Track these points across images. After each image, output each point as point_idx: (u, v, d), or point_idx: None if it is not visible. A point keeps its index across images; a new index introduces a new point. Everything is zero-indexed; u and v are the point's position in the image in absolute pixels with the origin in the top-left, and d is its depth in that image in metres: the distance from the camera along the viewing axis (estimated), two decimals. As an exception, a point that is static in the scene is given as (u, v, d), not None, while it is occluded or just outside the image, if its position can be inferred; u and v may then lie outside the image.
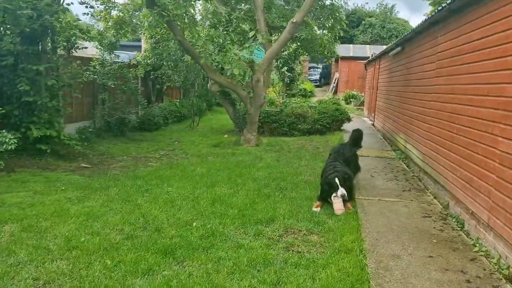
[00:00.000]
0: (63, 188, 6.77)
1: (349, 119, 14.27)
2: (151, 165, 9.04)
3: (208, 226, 5.11)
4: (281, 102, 14.49)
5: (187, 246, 4.49)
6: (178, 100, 17.62)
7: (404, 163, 8.99)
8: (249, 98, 11.20)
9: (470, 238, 4.72)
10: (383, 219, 5.23)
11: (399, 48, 10.89)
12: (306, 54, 13.66)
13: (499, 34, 4.53)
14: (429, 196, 6.40)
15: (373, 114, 16.59)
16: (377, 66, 16.11)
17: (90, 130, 11.00)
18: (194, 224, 5.20)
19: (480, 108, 4.91)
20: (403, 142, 9.61)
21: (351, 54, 28.56)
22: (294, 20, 9.98)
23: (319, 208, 5.76)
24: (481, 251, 4.27)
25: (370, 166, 8.46)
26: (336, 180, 5.62)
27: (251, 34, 9.53)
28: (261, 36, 9.76)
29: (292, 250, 4.44)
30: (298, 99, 17.60)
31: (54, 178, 7.47)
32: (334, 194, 5.60)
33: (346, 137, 12.58)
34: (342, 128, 14.25)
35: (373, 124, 16.28)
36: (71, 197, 6.27)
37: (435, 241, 4.56)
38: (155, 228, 5.04)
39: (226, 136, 13.33)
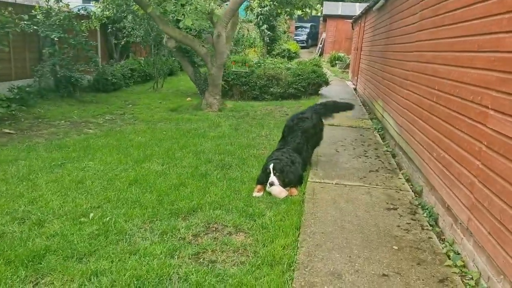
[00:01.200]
0: (-46, 161, 5.52)
1: (327, 83, 12.90)
2: (86, 132, 7.75)
3: (107, 218, 3.92)
4: (253, 62, 12.95)
5: (63, 251, 3.31)
6: (143, 58, 15.97)
7: (380, 134, 7.77)
8: (210, 56, 9.77)
9: (443, 242, 3.58)
10: (335, 212, 4.05)
11: (383, 0, 9.43)
12: (282, 7, 12.02)
13: (499, -37, 3.19)
14: (400, 178, 5.22)
15: (356, 78, 15.24)
16: (363, 25, 14.57)
17: (27, 89, 9.54)
18: (91, 215, 4.00)
19: (468, 69, 3.65)
20: (381, 110, 8.37)
21: (339, 13, 26.61)
22: (260, -37, 8.42)
23: (261, 193, 4.64)
24: (456, 266, 3.14)
25: (338, 138, 7.23)
26: (271, 167, 4.72)
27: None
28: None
29: (203, 259, 3.27)
30: (276, 60, 16.12)
31: (-45, 147, 6.19)
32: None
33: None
34: (319, 92, 12.93)
35: (355, 89, 14.97)
36: (-44, 174, 5.02)
37: (396, 247, 3.40)
38: (36, 221, 3.85)
39: (189, 99, 11.97)
